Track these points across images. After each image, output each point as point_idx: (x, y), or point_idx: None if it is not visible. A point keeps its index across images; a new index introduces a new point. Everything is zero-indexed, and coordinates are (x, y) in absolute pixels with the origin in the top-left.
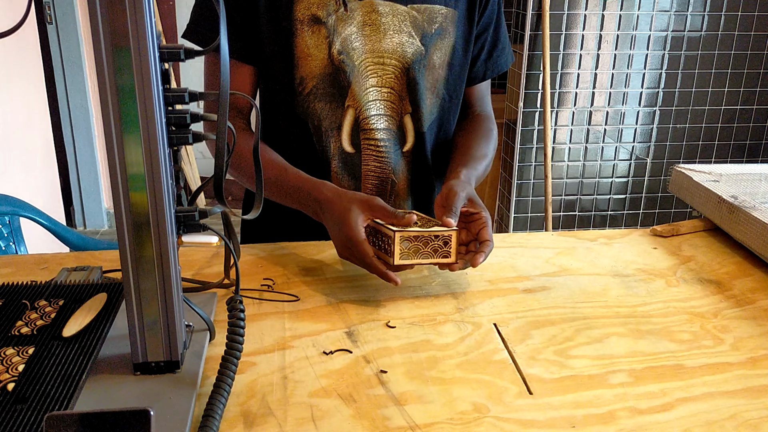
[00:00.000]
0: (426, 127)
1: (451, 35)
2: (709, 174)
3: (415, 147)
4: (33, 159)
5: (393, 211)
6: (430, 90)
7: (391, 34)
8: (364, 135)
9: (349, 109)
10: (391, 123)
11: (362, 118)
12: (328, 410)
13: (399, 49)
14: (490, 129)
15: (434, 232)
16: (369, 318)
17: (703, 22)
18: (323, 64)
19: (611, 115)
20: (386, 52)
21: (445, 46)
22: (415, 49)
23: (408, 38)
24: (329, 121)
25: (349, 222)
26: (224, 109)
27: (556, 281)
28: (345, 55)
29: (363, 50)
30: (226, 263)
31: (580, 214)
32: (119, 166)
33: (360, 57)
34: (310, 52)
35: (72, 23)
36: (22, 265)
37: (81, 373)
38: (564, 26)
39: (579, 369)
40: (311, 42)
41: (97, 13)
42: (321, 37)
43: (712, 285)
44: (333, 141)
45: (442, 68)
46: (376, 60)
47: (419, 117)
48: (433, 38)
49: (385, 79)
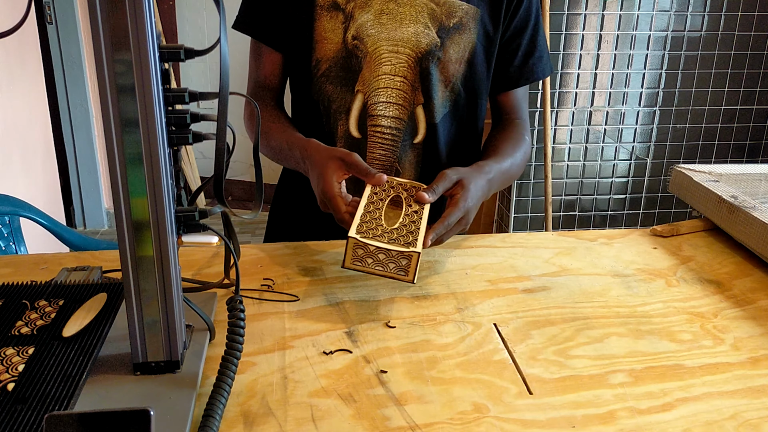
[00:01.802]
0: (438, 119)
1: (472, 32)
2: (709, 174)
3: (427, 139)
4: (33, 159)
5: (366, 167)
6: (443, 83)
7: (407, 23)
8: (371, 121)
9: (359, 94)
10: (401, 112)
11: (371, 103)
12: (328, 410)
13: (413, 39)
14: (522, 135)
15: (396, 250)
16: (369, 318)
17: (703, 22)
18: (337, 47)
19: (611, 115)
20: (400, 40)
21: (464, 41)
22: (429, 40)
23: (424, 29)
24: (338, 104)
25: (325, 177)
26: (224, 109)
27: (556, 281)
28: (359, 41)
29: (378, 38)
30: (226, 263)
31: (580, 214)
32: (119, 166)
33: (374, 44)
34: (326, 36)
35: (72, 23)
36: (22, 265)
37: (81, 373)
38: (564, 26)
39: (579, 369)
40: (328, 26)
41: (97, 13)
42: (338, 21)
43: (712, 285)
44: (341, 124)
45: (459, 63)
46: (390, 48)
47: (431, 108)
48: (450, 32)
49: (398, 67)
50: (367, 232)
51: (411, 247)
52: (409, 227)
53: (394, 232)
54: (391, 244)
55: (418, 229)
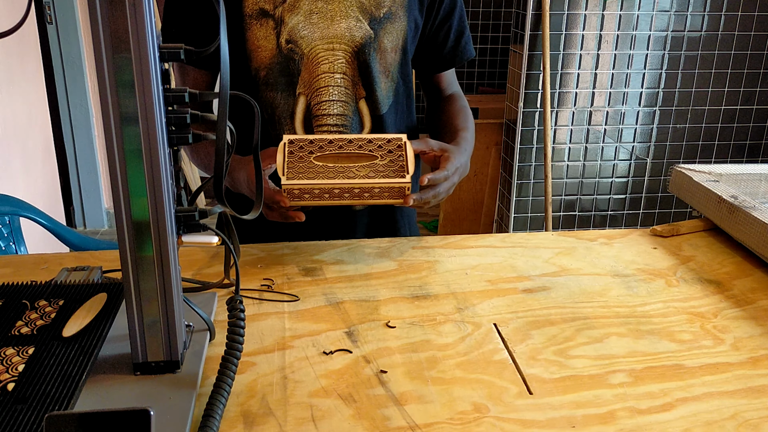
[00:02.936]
0: (384, 110)
1: (402, 19)
2: (709, 174)
3: (374, 131)
4: (33, 159)
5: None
6: (383, 74)
7: (339, 19)
8: (317, 122)
9: (301, 97)
10: (345, 108)
11: (314, 104)
12: (328, 410)
13: (347, 34)
14: (464, 105)
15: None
16: (369, 318)
17: (703, 22)
18: (272, 53)
19: (611, 115)
20: (335, 37)
21: (396, 30)
22: (363, 33)
23: (356, 22)
24: (281, 109)
25: (248, 171)
26: (224, 109)
27: (556, 281)
28: (293, 44)
29: (311, 38)
30: (226, 263)
31: (580, 214)
32: (119, 166)
33: (309, 45)
34: (260, 44)
35: (72, 23)
36: (22, 265)
37: (81, 373)
38: (564, 26)
39: (579, 369)
40: (260, 34)
41: (97, 13)
42: (269, 28)
43: (712, 285)
44: (287, 129)
45: (395, 52)
46: (325, 46)
47: (375, 101)
48: (382, 22)
49: (336, 64)
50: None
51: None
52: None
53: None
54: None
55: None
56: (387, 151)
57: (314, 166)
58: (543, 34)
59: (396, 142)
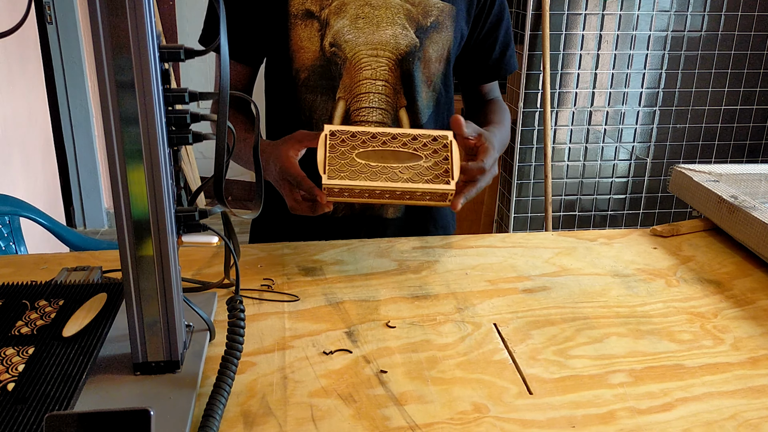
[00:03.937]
0: (424, 120)
1: (449, 29)
2: (709, 174)
3: None
4: (33, 159)
5: (317, 134)
6: (426, 83)
7: (385, 26)
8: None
9: (340, 101)
10: (385, 116)
11: (353, 110)
12: (328, 410)
13: (392, 41)
14: (503, 107)
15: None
16: (369, 318)
17: (703, 22)
18: (315, 56)
19: (611, 115)
20: (379, 44)
21: (443, 39)
22: (408, 41)
23: (402, 30)
24: (320, 112)
25: (281, 157)
26: (224, 109)
27: (556, 281)
28: (337, 47)
29: (356, 43)
30: (226, 263)
31: (580, 214)
32: (119, 166)
33: (353, 49)
34: (303, 45)
35: (72, 23)
36: (22, 265)
37: (81, 373)
38: (564, 26)
39: (579, 369)
40: (304, 35)
41: (98, 13)
42: (314, 30)
43: (712, 285)
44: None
45: (439, 62)
46: (369, 52)
47: (416, 110)
48: (428, 32)
49: (378, 71)
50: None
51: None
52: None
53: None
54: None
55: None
56: (432, 150)
57: (356, 163)
58: (543, 34)
59: (442, 140)
